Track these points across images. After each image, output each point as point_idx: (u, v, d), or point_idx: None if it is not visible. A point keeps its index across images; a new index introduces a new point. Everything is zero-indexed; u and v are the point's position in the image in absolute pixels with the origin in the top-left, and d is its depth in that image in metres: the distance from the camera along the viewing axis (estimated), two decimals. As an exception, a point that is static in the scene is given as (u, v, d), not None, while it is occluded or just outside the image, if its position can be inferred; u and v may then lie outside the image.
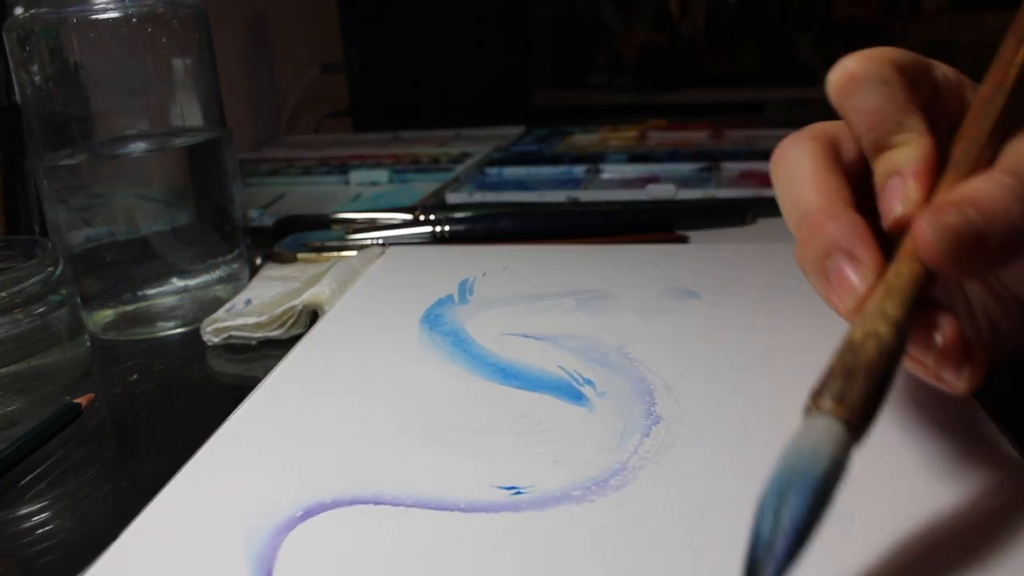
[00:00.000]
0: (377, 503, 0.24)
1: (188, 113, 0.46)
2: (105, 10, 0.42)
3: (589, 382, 0.31)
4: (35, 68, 0.42)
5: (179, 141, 0.45)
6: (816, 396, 0.19)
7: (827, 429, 0.18)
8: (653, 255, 0.44)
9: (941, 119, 0.24)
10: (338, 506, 0.24)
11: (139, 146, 0.44)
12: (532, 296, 0.39)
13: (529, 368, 0.32)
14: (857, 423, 0.18)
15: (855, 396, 0.19)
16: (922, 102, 0.23)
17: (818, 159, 0.23)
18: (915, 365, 0.21)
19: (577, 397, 0.30)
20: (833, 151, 0.24)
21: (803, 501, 0.17)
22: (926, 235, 0.20)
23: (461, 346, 0.34)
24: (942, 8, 1.54)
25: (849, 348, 0.19)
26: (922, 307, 0.21)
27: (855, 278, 0.21)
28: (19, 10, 0.43)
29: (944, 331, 0.20)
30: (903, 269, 0.21)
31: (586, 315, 0.37)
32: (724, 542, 0.21)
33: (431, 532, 0.23)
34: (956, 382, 0.21)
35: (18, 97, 0.44)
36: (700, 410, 0.28)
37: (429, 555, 0.22)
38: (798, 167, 0.24)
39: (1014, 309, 0.26)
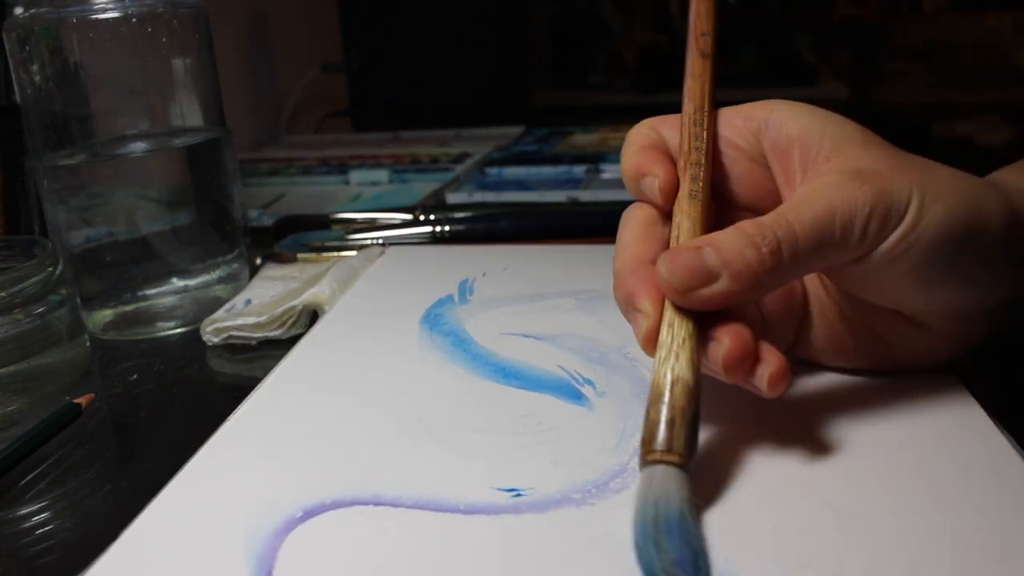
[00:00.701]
0: (377, 504, 0.24)
1: (188, 113, 0.46)
2: (105, 10, 0.42)
3: (589, 382, 0.31)
4: (35, 68, 0.42)
5: (179, 141, 0.45)
6: (648, 449, 0.23)
7: (667, 473, 0.22)
8: (653, 255, 0.44)
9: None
10: (338, 507, 0.24)
11: (139, 146, 0.44)
12: (532, 296, 0.39)
13: (529, 368, 0.32)
14: (687, 461, 0.22)
15: (681, 442, 0.23)
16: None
17: (641, 224, 0.27)
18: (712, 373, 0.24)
19: (577, 397, 0.30)
20: (655, 218, 0.28)
21: (677, 537, 0.20)
22: (659, 272, 0.24)
23: (461, 346, 0.34)
24: (942, 8, 1.54)
25: (659, 397, 0.23)
26: (720, 321, 0.24)
27: (640, 321, 0.25)
28: (19, 10, 0.43)
29: (725, 344, 0.23)
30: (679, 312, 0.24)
31: (586, 315, 0.37)
32: (724, 544, 0.21)
33: (431, 533, 0.23)
34: (760, 385, 0.24)
35: (18, 97, 0.44)
36: (700, 411, 0.28)
37: (429, 557, 0.22)
38: (622, 235, 0.28)
39: (891, 319, 0.27)
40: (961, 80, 1.46)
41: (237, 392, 0.33)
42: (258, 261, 0.51)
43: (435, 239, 0.53)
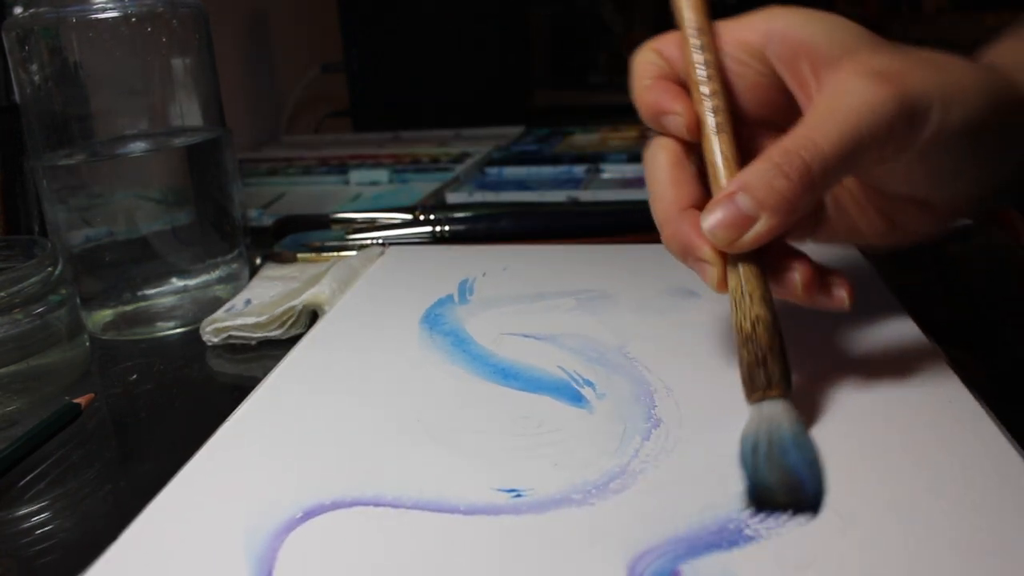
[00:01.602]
0: (377, 504, 0.24)
1: (188, 113, 0.46)
2: (105, 10, 0.42)
3: (589, 383, 0.31)
4: (35, 68, 0.42)
5: (179, 141, 0.45)
6: (750, 390, 0.25)
7: (772, 407, 0.25)
8: (653, 255, 0.44)
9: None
10: (338, 507, 0.24)
11: (139, 146, 0.44)
12: (532, 296, 0.39)
13: (529, 369, 0.32)
14: (786, 392, 0.25)
15: (777, 376, 0.25)
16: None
17: (670, 166, 0.27)
18: (792, 299, 0.26)
19: (577, 399, 0.30)
20: (681, 154, 0.27)
21: (793, 453, 0.24)
22: (704, 232, 0.25)
23: (461, 346, 0.34)
24: (942, 8, 1.54)
25: (748, 339, 0.25)
26: (779, 255, 0.26)
27: (707, 269, 0.26)
28: (19, 10, 0.43)
29: (800, 271, 0.26)
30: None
31: (586, 315, 0.37)
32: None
33: (431, 534, 0.23)
34: (830, 302, 0.26)
35: (18, 97, 0.44)
36: (700, 413, 0.28)
37: (429, 557, 0.22)
38: (652, 180, 0.28)
39: (901, 202, 0.28)
40: (961, 80, 1.46)
41: (237, 392, 0.33)
42: (258, 261, 0.51)
43: (435, 239, 0.53)
